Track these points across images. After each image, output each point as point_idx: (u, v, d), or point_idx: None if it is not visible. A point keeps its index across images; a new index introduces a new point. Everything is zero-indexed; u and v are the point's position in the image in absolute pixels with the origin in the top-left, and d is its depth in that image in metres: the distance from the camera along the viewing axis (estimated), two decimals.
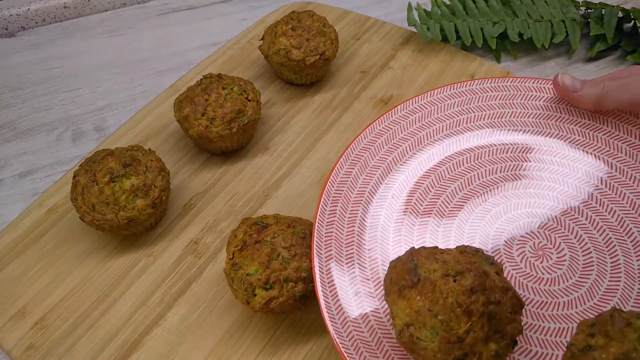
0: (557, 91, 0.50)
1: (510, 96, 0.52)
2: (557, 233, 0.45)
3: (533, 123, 0.51)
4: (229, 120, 0.51)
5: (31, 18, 0.73)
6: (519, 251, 0.44)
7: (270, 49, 0.58)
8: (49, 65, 0.68)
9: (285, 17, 0.59)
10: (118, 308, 0.45)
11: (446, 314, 0.33)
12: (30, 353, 0.43)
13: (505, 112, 0.51)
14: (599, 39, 0.65)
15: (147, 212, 0.46)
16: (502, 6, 0.67)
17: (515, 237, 0.45)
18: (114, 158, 0.45)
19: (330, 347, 0.42)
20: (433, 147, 0.50)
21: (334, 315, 0.39)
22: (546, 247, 0.44)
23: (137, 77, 0.66)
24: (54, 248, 0.49)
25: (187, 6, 0.76)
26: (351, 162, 0.47)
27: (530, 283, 0.43)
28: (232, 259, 0.41)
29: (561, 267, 0.43)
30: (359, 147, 0.48)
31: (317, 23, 0.58)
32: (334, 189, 0.46)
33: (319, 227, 0.43)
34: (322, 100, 0.60)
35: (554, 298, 0.42)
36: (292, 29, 0.57)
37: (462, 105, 0.52)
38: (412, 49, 0.65)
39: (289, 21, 0.58)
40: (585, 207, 0.46)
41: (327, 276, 0.40)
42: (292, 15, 0.58)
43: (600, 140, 0.49)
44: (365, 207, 0.46)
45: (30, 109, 0.63)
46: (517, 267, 0.44)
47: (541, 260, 0.44)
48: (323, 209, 0.44)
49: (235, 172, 0.54)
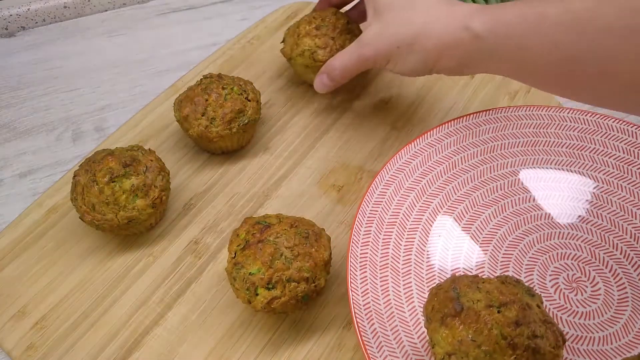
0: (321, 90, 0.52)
1: (545, 125, 0.51)
2: (591, 266, 0.45)
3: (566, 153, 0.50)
4: (229, 120, 0.50)
5: (31, 18, 0.73)
6: (552, 282, 0.44)
7: (294, 51, 0.55)
8: (49, 65, 0.68)
9: (307, 17, 0.56)
10: (118, 308, 0.45)
11: (490, 345, 0.32)
12: (30, 353, 0.43)
13: (539, 141, 0.51)
14: None
15: (147, 212, 0.46)
16: None
17: (548, 268, 0.45)
18: (114, 158, 0.45)
19: (331, 347, 0.42)
20: (467, 172, 0.50)
21: (370, 339, 0.39)
22: (580, 279, 0.44)
23: (137, 77, 0.66)
24: (54, 248, 0.49)
25: (187, 6, 0.76)
26: (386, 183, 0.47)
27: (565, 316, 0.42)
28: (234, 258, 0.41)
29: (596, 301, 0.43)
30: (394, 168, 0.48)
31: (341, 20, 0.55)
32: (369, 209, 0.46)
33: (353, 247, 0.43)
34: (322, 100, 0.60)
35: (589, 333, 0.41)
36: (315, 28, 0.54)
37: (497, 132, 0.51)
38: None
39: (311, 20, 0.55)
40: (618, 240, 0.46)
41: (363, 299, 0.41)
42: (315, 15, 0.56)
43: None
44: (400, 230, 0.46)
45: (30, 109, 0.63)
46: (550, 298, 0.43)
47: (575, 293, 0.43)
48: (358, 229, 0.44)
49: (235, 172, 0.54)
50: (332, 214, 0.50)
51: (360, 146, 0.56)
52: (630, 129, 0.49)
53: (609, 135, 0.49)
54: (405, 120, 0.58)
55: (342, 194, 0.52)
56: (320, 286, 0.40)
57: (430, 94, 0.60)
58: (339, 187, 0.52)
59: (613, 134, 0.49)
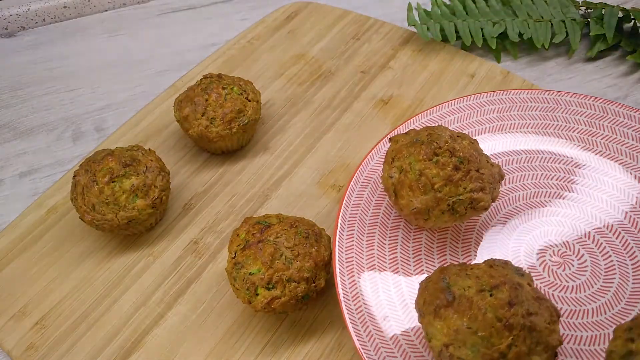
0: None
1: (551, 108, 0.52)
2: (575, 240, 0.45)
3: (578, 138, 0.51)
4: (229, 120, 0.50)
5: (31, 18, 0.73)
6: (540, 260, 0.44)
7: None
8: (49, 65, 0.68)
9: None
10: (118, 308, 0.45)
11: (486, 329, 0.32)
12: (30, 353, 0.43)
13: (549, 124, 0.51)
14: (599, 39, 0.65)
15: (147, 212, 0.46)
16: (502, 6, 0.67)
17: (534, 248, 0.45)
18: (114, 158, 0.45)
19: (330, 347, 0.42)
20: None
21: (365, 342, 0.39)
22: (566, 254, 0.44)
23: (137, 77, 0.66)
24: (54, 248, 0.49)
25: (187, 6, 0.76)
26: (362, 183, 0.47)
27: (557, 292, 0.42)
28: (235, 258, 0.41)
29: (584, 274, 0.43)
30: (368, 168, 0.48)
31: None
32: (349, 212, 0.45)
33: (339, 252, 0.43)
34: (322, 100, 0.60)
35: (582, 305, 0.42)
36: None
37: (502, 112, 0.52)
38: (412, 49, 0.65)
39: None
40: (596, 211, 0.46)
41: (355, 302, 0.41)
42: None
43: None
44: (383, 226, 0.46)
45: (30, 109, 0.63)
46: (540, 276, 0.43)
47: (563, 268, 0.44)
48: (341, 234, 0.44)
49: (235, 172, 0.54)
50: (332, 214, 0.50)
51: (360, 146, 0.56)
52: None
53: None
54: (405, 120, 0.58)
55: (342, 194, 0.52)
56: (320, 286, 0.40)
57: (430, 94, 0.60)
58: (339, 187, 0.52)
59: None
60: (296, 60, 0.65)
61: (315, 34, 0.68)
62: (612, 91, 0.61)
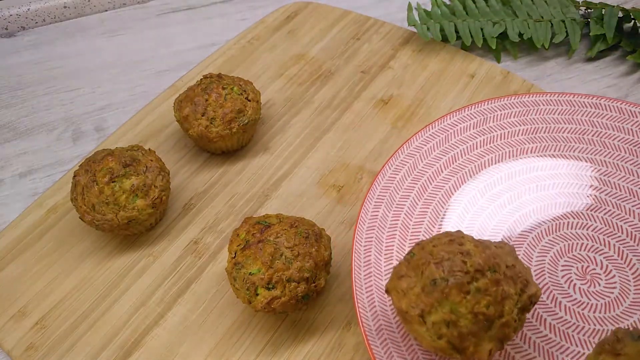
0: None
1: (553, 111, 0.51)
2: (602, 254, 0.44)
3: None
4: (229, 120, 0.50)
5: (31, 18, 0.73)
6: (565, 277, 0.43)
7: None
8: (49, 65, 0.68)
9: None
10: (118, 308, 0.45)
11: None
12: (30, 353, 0.43)
13: (546, 128, 0.51)
14: (599, 39, 0.65)
15: (147, 212, 0.46)
16: (502, 6, 0.67)
17: (558, 262, 0.44)
18: (114, 158, 0.45)
19: (331, 347, 0.42)
20: (473, 162, 0.50)
21: (373, 336, 0.39)
22: (594, 270, 0.44)
23: (137, 77, 0.66)
24: (54, 248, 0.49)
25: (187, 6, 0.76)
26: (387, 180, 0.47)
27: (586, 312, 0.42)
28: (235, 258, 0.41)
29: (613, 291, 0.42)
30: (394, 165, 0.48)
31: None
32: (371, 207, 0.45)
33: (357, 245, 0.43)
34: (322, 100, 0.60)
35: (613, 325, 0.41)
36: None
37: (502, 120, 0.51)
38: (412, 49, 0.65)
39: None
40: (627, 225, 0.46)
41: (368, 295, 0.41)
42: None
43: None
44: (405, 226, 0.46)
45: (30, 109, 0.63)
46: (565, 294, 0.43)
47: (589, 285, 0.43)
48: (361, 229, 0.43)
49: (235, 172, 0.54)
50: (332, 214, 0.50)
51: (360, 146, 0.56)
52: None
53: (612, 117, 0.50)
54: (405, 120, 0.58)
55: (342, 194, 0.52)
56: (320, 286, 0.40)
57: (430, 94, 0.60)
58: (339, 187, 0.52)
59: (623, 117, 0.49)
60: (296, 60, 0.65)
61: (315, 34, 0.68)
62: (612, 91, 0.61)
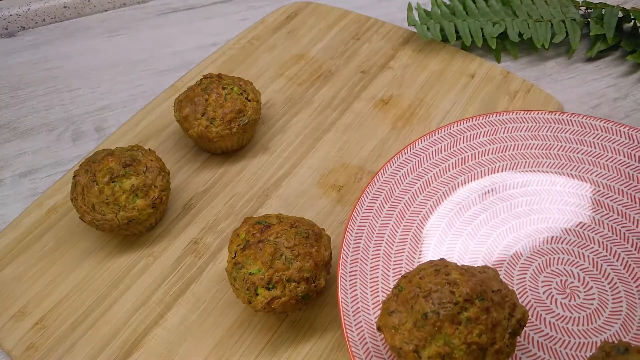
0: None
1: (540, 128, 0.51)
2: (586, 272, 0.44)
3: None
4: (229, 120, 0.50)
5: (31, 18, 0.73)
6: (545, 289, 0.44)
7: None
8: (49, 65, 0.68)
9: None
10: (118, 308, 0.45)
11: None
12: (30, 353, 0.43)
13: (535, 144, 0.51)
14: (599, 39, 0.65)
15: (147, 212, 0.46)
16: (502, 6, 0.67)
17: (539, 276, 0.44)
18: (114, 158, 0.45)
19: (330, 347, 0.42)
20: (461, 175, 0.50)
21: (360, 354, 0.39)
22: (573, 284, 0.44)
23: (137, 77, 0.66)
24: (54, 248, 0.49)
25: (187, 6, 0.76)
26: (375, 192, 0.47)
27: (564, 324, 0.42)
28: (235, 258, 0.41)
29: (590, 306, 0.43)
30: (381, 179, 0.48)
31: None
32: (358, 221, 0.45)
33: (343, 262, 0.43)
34: (322, 100, 0.60)
35: (589, 338, 0.41)
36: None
37: (491, 135, 0.51)
38: (412, 49, 0.65)
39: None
40: (618, 248, 0.46)
41: (355, 317, 0.41)
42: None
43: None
44: (389, 244, 0.46)
45: (30, 109, 0.63)
46: (545, 307, 0.43)
47: (569, 299, 0.43)
48: (345, 263, 0.43)
49: (235, 172, 0.54)
50: (332, 214, 0.50)
51: (360, 146, 0.56)
52: (629, 132, 0.49)
53: (607, 138, 0.50)
54: (405, 120, 0.58)
55: (342, 194, 0.52)
56: (320, 286, 0.40)
57: (430, 94, 0.60)
58: (339, 187, 0.52)
59: (612, 137, 0.49)
60: (296, 61, 0.65)
61: (315, 34, 0.68)
62: (612, 91, 0.61)
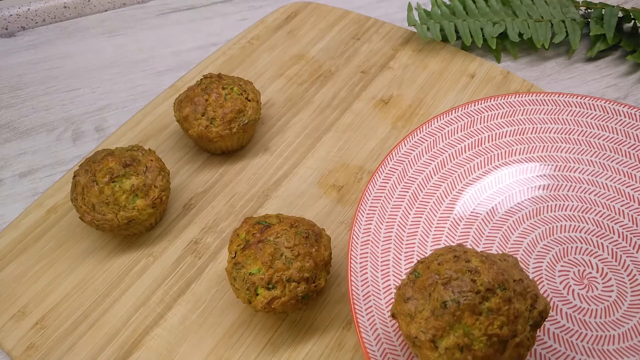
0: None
1: (553, 111, 0.51)
2: (599, 259, 0.44)
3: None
4: (229, 120, 0.51)
5: (31, 18, 0.73)
6: (563, 281, 0.43)
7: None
8: (49, 65, 0.68)
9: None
10: (118, 308, 0.45)
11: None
12: (30, 353, 0.43)
13: (545, 128, 0.51)
14: (599, 39, 0.65)
15: (147, 212, 0.46)
16: (502, 6, 0.67)
17: (555, 266, 0.44)
18: (114, 158, 0.45)
19: (330, 347, 0.42)
20: (472, 160, 0.50)
21: (370, 338, 0.39)
22: (590, 275, 0.43)
23: (137, 77, 0.66)
24: (54, 248, 0.49)
25: (187, 6, 0.76)
26: (384, 178, 0.47)
27: (585, 317, 0.41)
28: (235, 258, 0.41)
29: (610, 296, 0.42)
30: (391, 163, 0.48)
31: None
32: (367, 207, 0.45)
33: (353, 247, 0.42)
34: (322, 100, 0.60)
35: (608, 331, 0.41)
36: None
37: (502, 119, 0.51)
38: (412, 49, 0.65)
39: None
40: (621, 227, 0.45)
41: (365, 301, 0.40)
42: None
43: None
44: (401, 226, 0.45)
45: (30, 109, 0.63)
46: (563, 299, 0.42)
47: (587, 290, 0.43)
48: (357, 230, 0.43)
49: (235, 172, 0.54)
50: (332, 214, 0.50)
51: (360, 146, 0.56)
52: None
53: (632, 125, 0.50)
54: (405, 120, 0.58)
55: (342, 194, 0.52)
56: (321, 286, 0.40)
57: (430, 94, 0.60)
58: (339, 187, 0.52)
59: (637, 124, 0.50)
60: (296, 60, 0.65)
61: (315, 34, 0.68)
62: (612, 91, 0.61)
